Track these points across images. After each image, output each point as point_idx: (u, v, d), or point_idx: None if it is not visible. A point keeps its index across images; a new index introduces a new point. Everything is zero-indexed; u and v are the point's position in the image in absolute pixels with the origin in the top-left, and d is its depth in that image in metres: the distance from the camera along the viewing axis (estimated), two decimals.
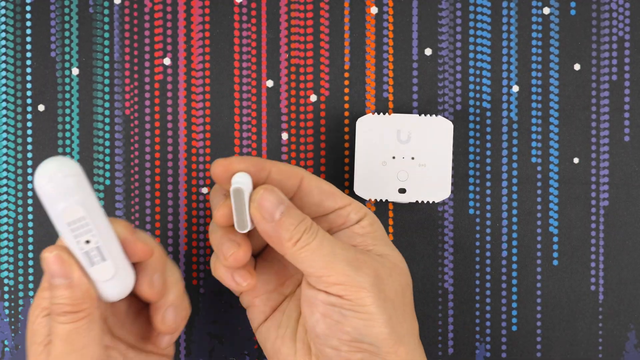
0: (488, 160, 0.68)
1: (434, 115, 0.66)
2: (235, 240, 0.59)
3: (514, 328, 0.68)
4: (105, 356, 0.58)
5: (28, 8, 0.68)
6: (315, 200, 0.60)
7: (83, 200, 0.55)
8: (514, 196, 0.68)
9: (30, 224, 0.68)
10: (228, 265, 0.59)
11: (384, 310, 0.57)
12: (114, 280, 0.57)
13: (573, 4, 0.68)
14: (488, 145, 0.68)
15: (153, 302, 0.60)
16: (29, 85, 0.68)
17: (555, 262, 0.68)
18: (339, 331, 0.57)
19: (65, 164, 0.54)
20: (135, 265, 0.59)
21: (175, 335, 0.62)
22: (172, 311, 0.60)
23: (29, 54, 0.68)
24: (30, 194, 0.68)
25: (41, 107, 0.68)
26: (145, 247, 0.58)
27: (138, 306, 0.62)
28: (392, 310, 0.58)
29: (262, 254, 0.63)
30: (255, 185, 0.59)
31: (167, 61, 0.68)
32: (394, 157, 0.65)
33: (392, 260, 0.60)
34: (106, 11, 0.68)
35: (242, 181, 0.58)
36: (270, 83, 0.68)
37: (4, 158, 0.68)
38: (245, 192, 0.58)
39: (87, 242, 0.56)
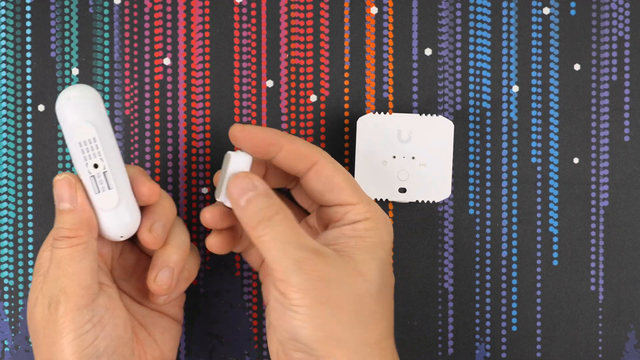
0: (488, 160, 0.68)
1: (434, 115, 0.66)
2: (214, 210, 0.61)
3: (514, 328, 0.68)
4: (96, 290, 0.58)
5: (28, 8, 0.68)
6: (319, 189, 0.60)
7: (97, 123, 0.57)
8: (514, 196, 0.68)
9: (30, 224, 0.68)
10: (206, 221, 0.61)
11: (318, 314, 0.56)
12: (117, 212, 0.58)
13: (573, 4, 0.68)
14: (488, 145, 0.68)
15: (153, 254, 0.61)
16: (29, 85, 0.68)
17: (555, 262, 0.68)
18: (280, 327, 0.57)
19: (86, 90, 0.57)
20: (142, 210, 0.60)
21: (173, 297, 0.62)
22: (167, 272, 0.60)
23: (29, 54, 0.68)
24: (30, 194, 0.68)
25: (41, 107, 0.68)
26: (152, 188, 0.59)
27: (146, 264, 0.62)
28: (330, 315, 0.56)
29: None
30: (263, 157, 0.60)
31: (167, 61, 0.68)
32: (394, 157, 0.65)
33: (358, 267, 0.58)
34: (106, 11, 0.68)
35: (238, 160, 0.59)
36: (270, 83, 0.68)
37: (4, 158, 0.68)
38: (227, 171, 0.59)
39: (96, 166, 0.57)
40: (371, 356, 0.58)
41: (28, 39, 0.68)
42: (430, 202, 0.67)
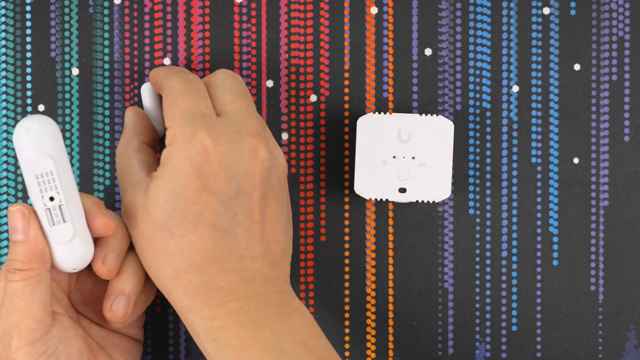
0: (488, 160, 0.68)
1: (434, 115, 0.66)
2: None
3: (514, 328, 0.68)
4: (49, 322, 0.57)
5: (28, 8, 0.68)
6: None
7: (55, 157, 0.57)
8: (514, 196, 0.68)
9: None
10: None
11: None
12: (71, 245, 0.58)
13: (573, 4, 0.68)
14: (488, 145, 0.68)
15: (109, 282, 0.60)
16: (29, 85, 0.68)
17: (555, 262, 0.68)
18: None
19: (46, 121, 0.57)
20: (96, 241, 0.60)
21: (130, 320, 0.62)
22: (122, 300, 0.60)
23: (29, 54, 0.68)
24: None
25: (41, 107, 0.68)
26: (107, 222, 0.59)
27: (104, 287, 0.62)
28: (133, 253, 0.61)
29: None
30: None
31: (167, 61, 0.68)
32: (394, 157, 0.65)
33: (146, 202, 0.59)
34: (106, 11, 0.68)
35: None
36: (270, 83, 0.68)
37: (4, 158, 0.68)
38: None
39: (52, 199, 0.57)
40: (172, 294, 0.58)
41: (28, 39, 0.68)
42: (430, 202, 0.67)
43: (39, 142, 0.57)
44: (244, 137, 0.59)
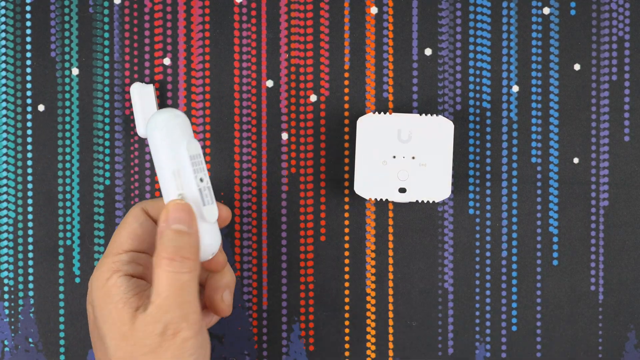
0: (488, 160, 0.68)
1: (434, 115, 0.66)
2: None
3: (514, 328, 0.68)
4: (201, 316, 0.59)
5: (28, 8, 0.68)
6: None
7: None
8: (514, 196, 0.68)
9: (30, 224, 0.68)
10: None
11: None
12: (214, 228, 0.59)
13: (573, 4, 0.68)
14: (488, 145, 0.68)
15: (214, 277, 0.62)
16: (29, 85, 0.68)
17: (555, 262, 0.68)
18: None
19: (179, 112, 0.59)
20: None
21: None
22: (229, 293, 0.62)
23: (29, 54, 0.68)
24: (30, 194, 0.68)
25: (41, 107, 0.68)
26: (227, 212, 0.62)
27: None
28: None
29: None
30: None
31: (167, 61, 0.68)
32: (394, 157, 0.65)
33: None
34: (106, 11, 0.68)
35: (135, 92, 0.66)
36: (270, 83, 0.68)
37: (4, 158, 0.68)
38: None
39: (201, 180, 0.59)
40: None
41: (28, 39, 0.68)
42: (430, 202, 0.66)
43: (187, 126, 0.59)
44: None
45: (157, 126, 0.58)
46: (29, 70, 0.68)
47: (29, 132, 0.68)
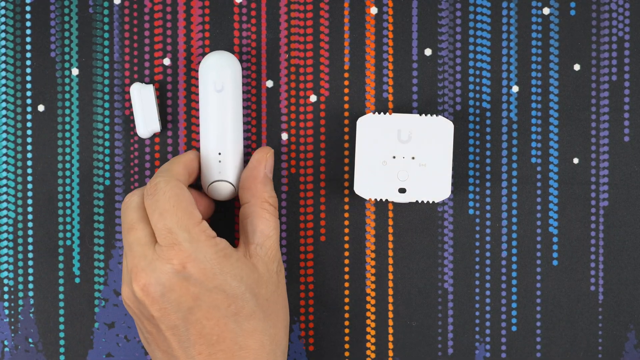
0: (488, 160, 0.68)
1: (434, 115, 0.66)
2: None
3: (514, 328, 0.68)
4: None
5: (28, 8, 0.68)
6: None
7: None
8: (514, 196, 0.68)
9: (30, 224, 0.68)
10: None
11: None
12: None
13: (573, 4, 0.68)
14: (488, 145, 0.68)
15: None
16: (29, 85, 0.68)
17: (555, 262, 0.68)
18: None
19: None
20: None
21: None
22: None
23: (29, 54, 0.68)
24: (30, 194, 0.68)
25: (41, 107, 0.68)
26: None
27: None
28: None
29: None
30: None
31: (167, 61, 0.68)
32: (394, 157, 0.65)
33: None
34: (106, 11, 0.68)
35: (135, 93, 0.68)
36: (270, 83, 0.68)
37: (4, 158, 0.68)
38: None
39: None
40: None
41: (28, 39, 0.68)
42: (430, 202, 0.67)
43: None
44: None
45: (218, 59, 0.65)
46: (28, 70, 0.68)
47: (29, 132, 0.68)
